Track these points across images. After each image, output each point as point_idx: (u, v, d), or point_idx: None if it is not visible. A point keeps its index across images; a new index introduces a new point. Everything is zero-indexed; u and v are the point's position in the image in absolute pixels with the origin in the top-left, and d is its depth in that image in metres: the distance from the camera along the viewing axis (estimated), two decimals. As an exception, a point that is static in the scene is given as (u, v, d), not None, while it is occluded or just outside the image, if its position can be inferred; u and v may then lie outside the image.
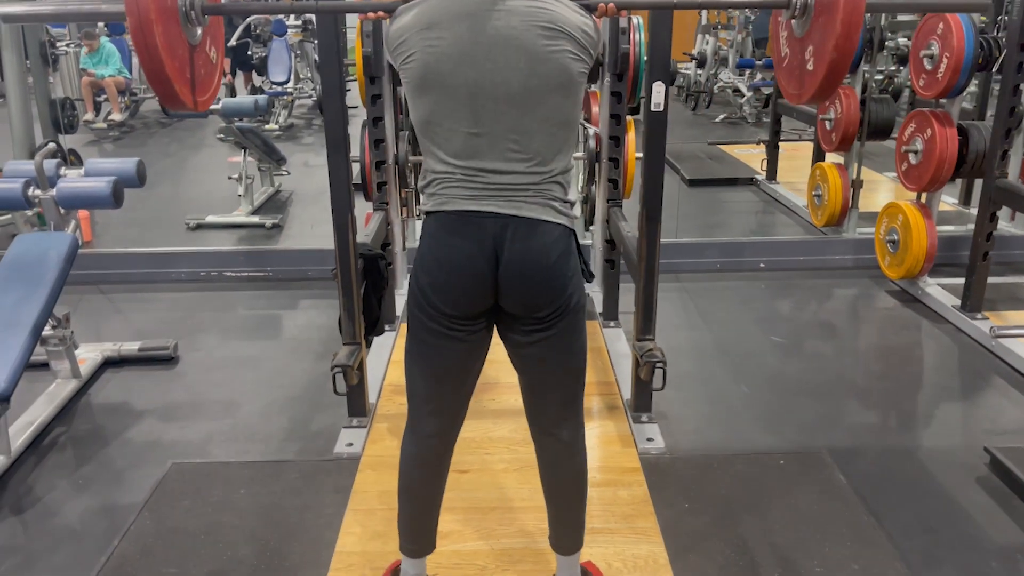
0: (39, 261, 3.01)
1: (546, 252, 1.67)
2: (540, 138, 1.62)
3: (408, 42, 1.59)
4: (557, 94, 1.59)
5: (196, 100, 1.67)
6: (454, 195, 1.66)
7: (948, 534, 2.40)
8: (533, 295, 1.70)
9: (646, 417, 2.92)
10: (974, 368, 3.47)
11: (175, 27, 1.53)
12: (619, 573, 2.17)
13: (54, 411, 3.06)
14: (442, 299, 1.70)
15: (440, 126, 1.62)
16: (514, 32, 1.53)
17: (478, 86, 1.56)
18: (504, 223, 1.65)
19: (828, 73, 1.50)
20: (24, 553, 2.36)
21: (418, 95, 1.62)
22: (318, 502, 2.51)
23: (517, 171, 1.63)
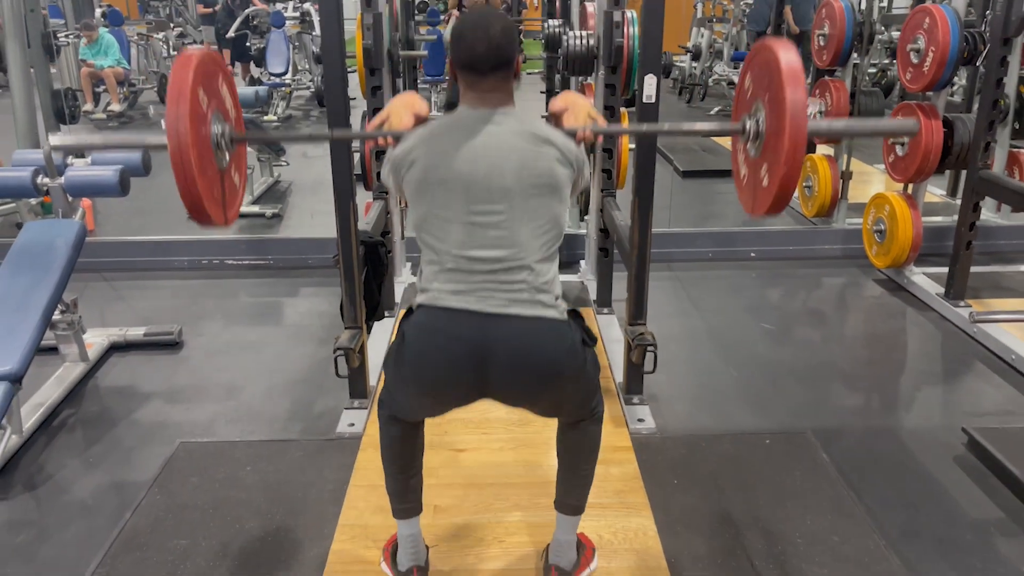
0: (48, 248, 3.10)
1: (536, 350, 1.74)
2: (528, 231, 1.73)
3: (414, 152, 1.76)
4: (545, 192, 1.74)
5: (225, 216, 1.91)
6: (445, 291, 1.74)
7: (925, 509, 2.51)
8: (528, 393, 1.83)
9: (637, 399, 3.03)
10: (955, 353, 3.58)
11: (208, 153, 1.77)
12: (610, 544, 2.28)
13: (63, 393, 3.15)
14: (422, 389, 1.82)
15: (436, 217, 1.74)
16: (507, 138, 1.72)
17: (473, 179, 1.71)
18: (493, 323, 1.72)
19: (780, 187, 1.70)
20: (38, 527, 2.45)
21: (418, 195, 1.76)
22: (321, 479, 2.61)
23: (505, 260, 1.72)
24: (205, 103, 1.77)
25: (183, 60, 1.72)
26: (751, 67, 1.90)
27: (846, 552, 2.26)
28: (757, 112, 1.82)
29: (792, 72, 1.66)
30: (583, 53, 3.74)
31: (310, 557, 2.25)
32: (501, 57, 1.72)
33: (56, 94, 5.99)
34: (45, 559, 2.31)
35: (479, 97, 1.75)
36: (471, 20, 1.74)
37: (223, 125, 1.86)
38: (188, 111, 1.67)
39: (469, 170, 1.71)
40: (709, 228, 5.17)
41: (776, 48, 1.71)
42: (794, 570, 2.20)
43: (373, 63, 3.44)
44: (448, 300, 1.73)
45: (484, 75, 1.73)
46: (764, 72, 1.78)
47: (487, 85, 1.74)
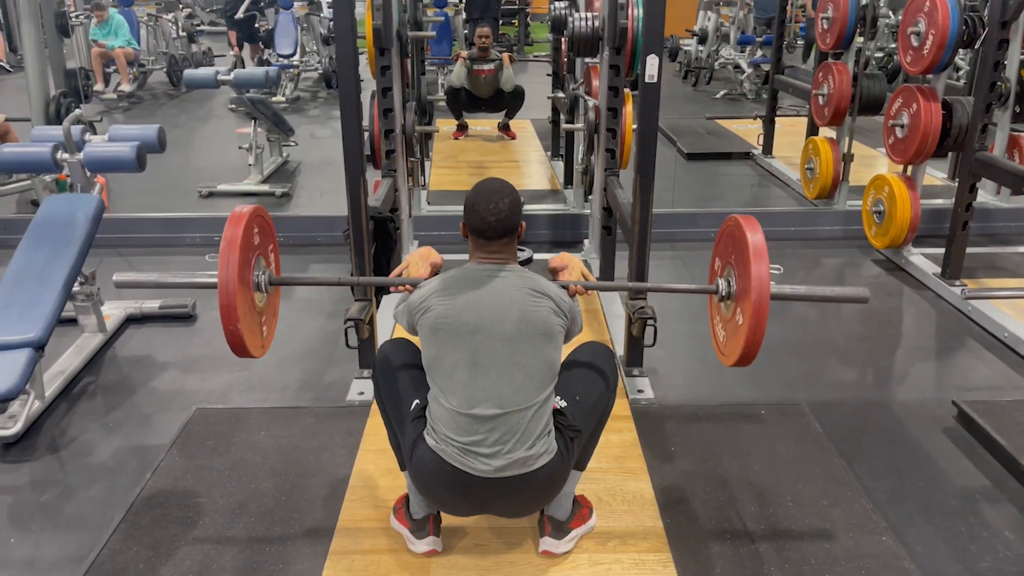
0: (68, 221, 3.20)
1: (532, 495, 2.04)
2: (525, 376, 1.96)
3: (428, 301, 2.02)
4: (541, 338, 1.98)
5: (261, 347, 2.19)
6: (448, 439, 1.95)
7: (913, 476, 2.61)
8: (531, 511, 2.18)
9: (637, 371, 3.13)
10: (949, 330, 3.67)
11: (249, 294, 2.08)
12: (608, 506, 2.38)
13: (83, 362, 3.27)
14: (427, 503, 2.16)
15: (444, 360, 1.97)
16: (508, 291, 1.99)
17: (478, 327, 1.96)
18: (487, 484, 1.96)
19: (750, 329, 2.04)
20: (63, 485, 2.57)
21: (431, 338, 2.00)
22: (332, 443, 2.72)
23: (505, 397, 1.93)
24: (250, 254, 2.08)
25: (236, 215, 2.06)
26: (722, 238, 2.23)
27: (835, 515, 2.37)
28: (728, 276, 2.17)
29: (757, 249, 2.03)
30: (588, 35, 3.81)
31: (323, 515, 2.36)
32: (508, 228, 2.01)
33: (70, 73, 6.08)
34: (69, 516, 2.43)
35: (487, 256, 2.04)
36: (484, 193, 2.02)
37: (264, 271, 2.16)
38: (237, 268, 1.99)
39: (475, 318, 1.96)
40: (712, 208, 5.25)
41: (743, 226, 2.08)
42: (784, 531, 2.31)
43: (383, 43, 3.52)
44: (453, 457, 1.95)
45: (492, 240, 2.02)
46: (733, 244, 2.14)
47: (494, 247, 2.03)
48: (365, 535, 2.26)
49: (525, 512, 2.16)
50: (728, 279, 2.18)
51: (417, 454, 2.01)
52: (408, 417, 2.06)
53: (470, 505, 2.06)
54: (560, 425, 2.04)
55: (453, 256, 2.38)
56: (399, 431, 2.10)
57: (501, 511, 2.11)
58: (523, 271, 2.05)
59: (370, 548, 2.21)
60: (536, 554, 2.19)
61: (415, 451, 2.01)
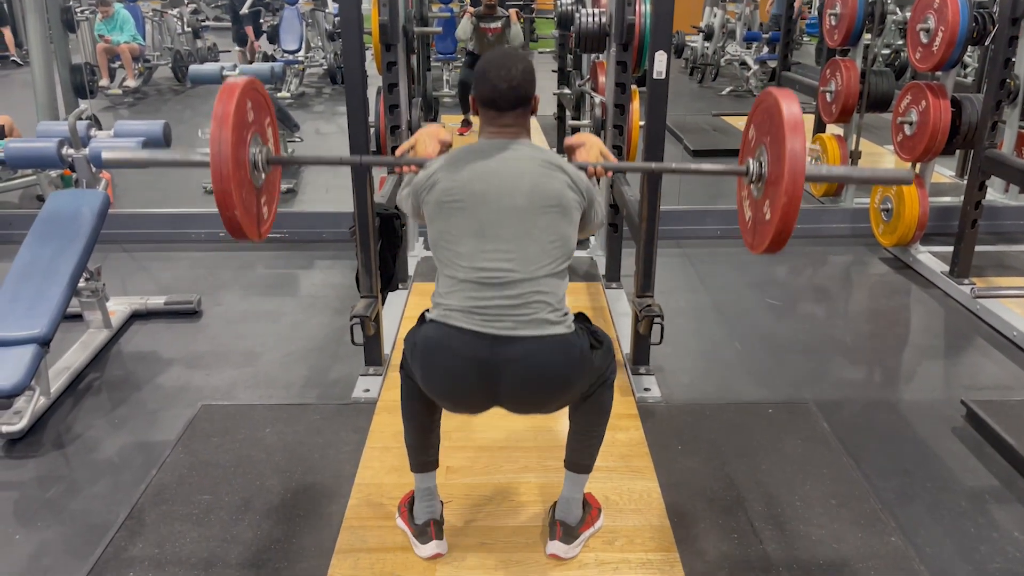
0: (74, 216, 3.19)
1: (543, 368, 1.84)
2: (537, 248, 1.83)
3: (434, 177, 1.89)
4: (555, 212, 1.85)
5: (259, 231, 2.04)
6: (456, 308, 1.84)
7: (922, 476, 2.59)
8: (538, 403, 1.95)
9: (644, 369, 3.11)
10: (957, 329, 3.65)
11: (245, 172, 1.93)
12: (615, 505, 2.37)
13: (88, 358, 3.26)
14: (436, 397, 1.96)
15: (451, 233, 1.86)
16: (520, 162, 1.86)
17: (487, 197, 1.83)
18: (496, 346, 1.81)
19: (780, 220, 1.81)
20: (68, 481, 2.57)
21: (436, 213, 1.89)
22: (338, 440, 2.71)
23: (515, 273, 1.81)
24: (245, 130, 1.92)
25: (226, 91, 1.85)
26: (756, 114, 2.03)
27: (843, 515, 2.35)
28: (760, 156, 1.96)
29: (793, 121, 1.79)
30: (595, 31, 3.80)
31: (328, 512, 2.35)
32: (520, 97, 1.87)
33: (75, 68, 6.08)
34: (75, 512, 2.42)
35: (498, 130, 1.90)
36: (495, 61, 1.89)
37: (260, 148, 2.00)
38: (231, 144, 1.81)
39: (483, 189, 1.84)
40: (718, 206, 5.23)
41: (779, 97, 1.85)
42: (792, 530, 2.29)
43: (389, 39, 3.50)
44: (458, 319, 1.83)
45: (504, 112, 1.88)
46: (767, 119, 1.93)
47: (506, 120, 1.89)
48: (371, 533, 2.25)
49: (537, 399, 1.91)
50: (760, 160, 1.95)
51: (421, 335, 1.89)
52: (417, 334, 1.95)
53: (477, 378, 1.84)
54: (582, 326, 1.93)
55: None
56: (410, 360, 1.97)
57: (511, 392, 1.86)
58: (536, 145, 1.91)
59: (376, 546, 2.20)
60: (543, 555, 2.17)
61: (418, 336, 1.90)
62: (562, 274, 1.88)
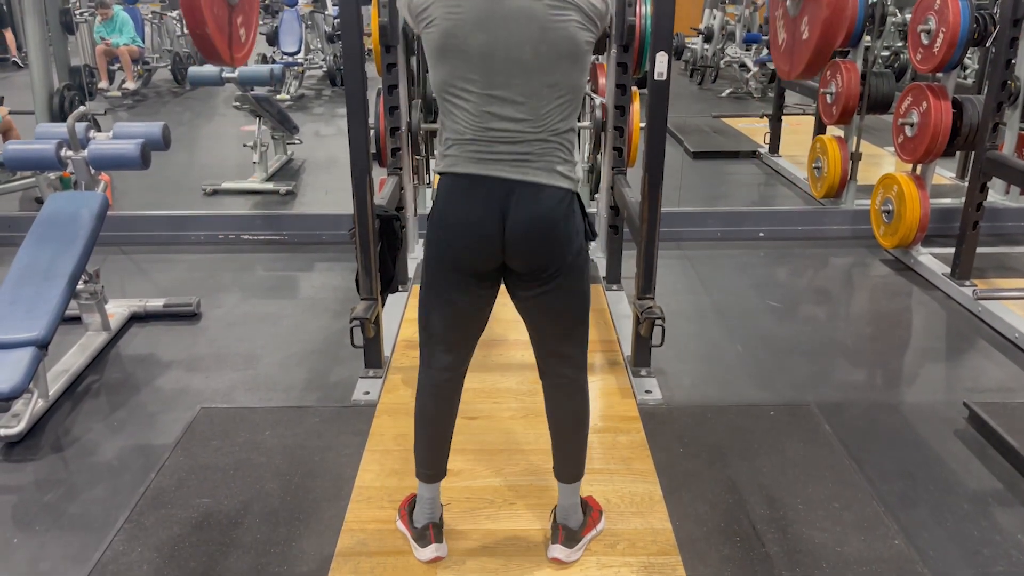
0: (73, 218, 3.18)
1: (549, 215, 1.82)
2: (548, 102, 1.76)
3: (430, 9, 1.74)
4: (565, 61, 1.74)
5: (232, 56, 1.79)
6: (465, 157, 1.81)
7: (924, 479, 2.58)
8: (537, 255, 1.86)
9: (645, 372, 3.10)
10: (959, 331, 3.64)
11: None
12: (617, 508, 2.35)
13: (87, 361, 3.25)
14: (454, 256, 1.88)
15: (456, 87, 1.77)
16: (526, 4, 1.69)
17: (492, 50, 1.71)
18: (510, 188, 1.80)
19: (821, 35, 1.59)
20: (67, 485, 2.55)
21: (438, 59, 1.77)
22: (338, 443, 2.70)
23: (525, 133, 1.77)
24: None
25: None
26: None
27: (846, 518, 2.34)
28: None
29: None
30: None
31: (328, 516, 2.34)
32: None
33: (74, 70, 6.07)
34: (73, 516, 2.41)
35: None
36: None
37: None
38: None
39: (488, 41, 1.70)
40: (719, 208, 5.22)
41: None
42: (795, 534, 2.28)
43: (388, 40, 3.49)
44: (468, 167, 1.81)
45: None
46: None
47: None
48: (371, 536, 2.24)
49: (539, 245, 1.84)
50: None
51: (437, 193, 1.87)
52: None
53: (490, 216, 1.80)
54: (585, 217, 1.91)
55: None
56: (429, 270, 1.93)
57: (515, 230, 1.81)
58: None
59: (376, 550, 2.19)
60: (544, 558, 2.16)
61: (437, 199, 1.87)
62: (572, 123, 1.84)
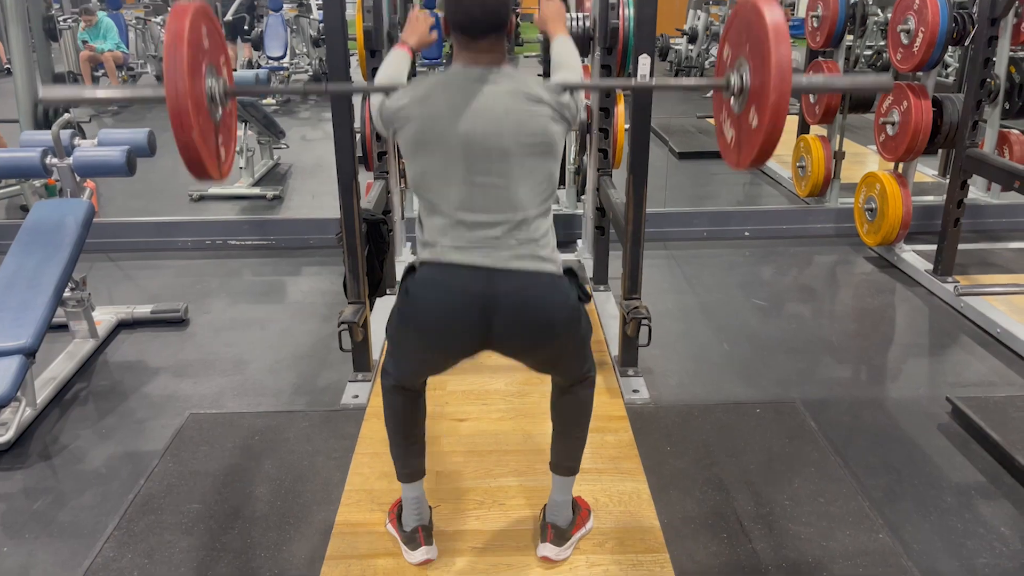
0: (58, 226, 3.18)
1: (537, 303, 1.82)
2: (526, 189, 1.80)
3: (406, 110, 1.79)
4: (539, 150, 1.79)
5: (220, 169, 1.91)
6: (448, 247, 1.80)
7: (909, 473, 2.61)
8: (526, 343, 1.89)
9: (632, 371, 3.12)
10: (942, 327, 3.68)
11: (203, 106, 1.79)
12: (605, 507, 2.37)
13: (74, 368, 3.24)
14: (427, 343, 1.89)
15: (436, 178, 1.79)
16: (502, 98, 1.76)
17: (470, 139, 1.75)
18: (493, 278, 1.78)
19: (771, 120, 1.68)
20: (55, 493, 2.55)
21: (415, 153, 1.81)
22: (327, 447, 2.71)
23: (505, 223, 1.79)
24: (200, 56, 1.77)
25: (178, 12, 1.69)
26: (733, 26, 1.90)
27: (832, 512, 2.36)
28: (740, 68, 1.84)
29: (777, 29, 1.67)
30: (580, 35, 3.81)
31: (318, 520, 2.35)
32: (496, 21, 1.76)
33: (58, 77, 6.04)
34: (62, 523, 2.41)
35: (473, 57, 1.79)
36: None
37: (217, 79, 1.86)
38: (186, 63, 1.65)
39: (467, 131, 1.74)
40: (704, 208, 5.26)
41: (760, 6, 1.72)
42: (781, 530, 2.30)
43: (373, 45, 3.51)
44: (452, 256, 1.79)
45: (478, 38, 1.77)
46: (747, 30, 1.80)
47: (482, 47, 1.78)
48: (361, 539, 2.25)
49: (529, 337, 1.86)
50: (740, 72, 1.83)
51: (417, 278, 1.83)
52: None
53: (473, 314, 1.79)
54: (573, 280, 1.91)
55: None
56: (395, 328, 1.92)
57: (505, 330, 1.82)
58: (515, 73, 1.81)
59: (367, 552, 2.20)
60: (534, 557, 2.17)
61: (411, 283, 1.84)
62: (548, 211, 1.87)
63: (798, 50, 5.23)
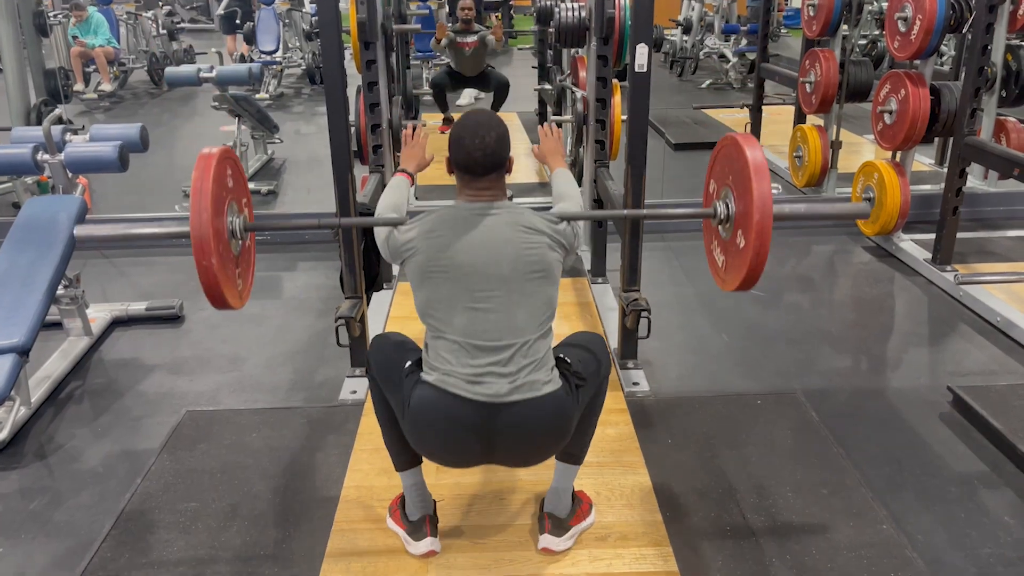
0: (51, 223, 3.14)
1: (539, 428, 1.91)
2: (525, 314, 1.90)
3: (413, 243, 1.94)
4: (539, 278, 1.92)
5: (240, 298, 2.10)
6: (450, 374, 1.88)
7: (911, 463, 2.60)
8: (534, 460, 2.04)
9: (632, 364, 3.11)
10: (941, 316, 3.67)
11: (225, 242, 1.98)
12: (607, 501, 2.36)
13: (69, 366, 3.21)
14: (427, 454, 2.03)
15: (440, 305, 1.91)
16: (501, 230, 1.91)
17: (473, 268, 1.89)
18: (494, 412, 1.86)
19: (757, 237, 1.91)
20: (52, 492, 2.52)
21: (421, 282, 1.93)
22: (326, 444, 2.68)
23: (506, 344, 1.87)
24: (223, 197, 1.95)
25: (204, 160, 1.90)
26: (718, 160, 2.14)
27: (834, 504, 2.35)
28: (726, 197, 2.06)
29: (758, 167, 1.91)
30: (575, 25, 3.78)
31: (318, 516, 2.33)
32: (495, 163, 1.93)
33: (49, 73, 5.99)
34: (59, 523, 2.38)
35: (475, 194, 1.95)
36: (470, 127, 1.93)
37: (237, 216, 2.04)
38: (209, 207, 1.84)
39: (469, 261, 1.88)
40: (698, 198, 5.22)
41: (742, 144, 1.96)
42: (784, 521, 2.29)
43: (368, 36, 3.47)
44: (455, 386, 1.87)
45: (479, 176, 1.93)
46: (728, 164, 2.04)
47: (482, 184, 1.94)
48: (361, 536, 2.23)
49: (532, 452, 2.00)
50: (726, 201, 2.06)
51: (416, 395, 1.91)
52: (403, 375, 1.98)
53: (476, 442, 1.91)
54: (564, 371, 1.98)
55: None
56: (395, 396, 1.99)
57: (507, 451, 1.95)
58: (514, 207, 1.97)
59: (367, 549, 2.18)
60: (535, 551, 2.16)
61: (413, 395, 1.92)
62: (548, 332, 1.96)
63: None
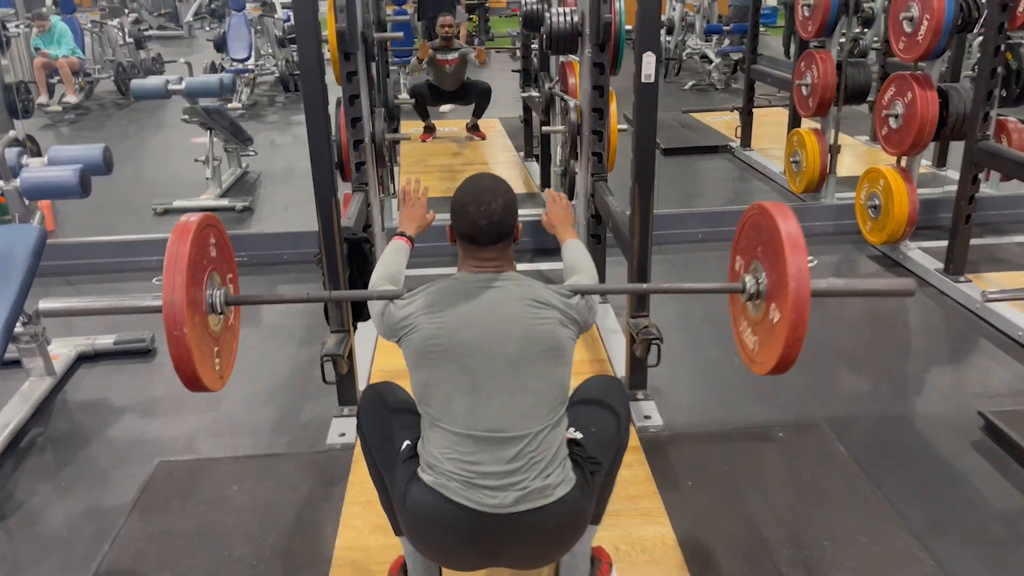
0: (6, 256, 2.86)
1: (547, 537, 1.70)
2: (533, 400, 1.67)
3: (411, 319, 1.71)
4: (548, 356, 1.69)
5: (220, 380, 1.85)
6: (449, 476, 1.64)
7: (949, 500, 2.41)
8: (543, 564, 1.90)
9: (642, 394, 2.90)
10: (961, 331, 3.49)
11: (202, 318, 1.76)
12: (627, 556, 2.14)
13: (30, 411, 2.95)
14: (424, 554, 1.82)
15: (440, 389, 1.67)
16: (507, 304, 1.70)
17: (476, 347, 1.66)
18: (498, 525, 1.63)
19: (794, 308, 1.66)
20: (10, 561, 2.27)
21: (419, 364, 1.71)
22: (314, 496, 2.45)
23: (511, 438, 1.64)
24: (201, 268, 1.76)
25: (180, 229, 1.72)
26: (745, 230, 1.89)
27: (877, 553, 2.15)
28: (756, 271, 1.83)
29: (793, 241, 1.67)
30: (567, 31, 3.56)
31: (308, 585, 2.10)
32: (502, 232, 1.74)
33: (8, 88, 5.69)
34: (18, 599, 2.13)
35: (479, 265, 1.76)
36: (473, 193, 1.75)
37: (217, 289, 1.83)
38: (185, 275, 1.65)
39: (471, 339, 1.67)
40: (699, 208, 5.05)
41: (774, 214, 1.72)
42: None
43: (348, 47, 3.23)
44: (454, 492, 1.63)
45: (485, 246, 1.75)
46: (760, 234, 1.80)
47: (488, 254, 1.75)
48: (358, 607, 2.00)
49: (543, 559, 1.83)
50: (756, 275, 1.84)
51: (412, 495, 1.68)
52: (399, 458, 1.75)
53: (478, 553, 1.71)
54: (577, 457, 1.73)
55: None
56: (389, 476, 1.78)
57: (515, 558, 1.75)
58: (521, 279, 1.76)
59: (365, 623, 1.96)
60: (553, 621, 1.94)
61: (409, 492, 1.69)
62: (560, 420, 1.72)
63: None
